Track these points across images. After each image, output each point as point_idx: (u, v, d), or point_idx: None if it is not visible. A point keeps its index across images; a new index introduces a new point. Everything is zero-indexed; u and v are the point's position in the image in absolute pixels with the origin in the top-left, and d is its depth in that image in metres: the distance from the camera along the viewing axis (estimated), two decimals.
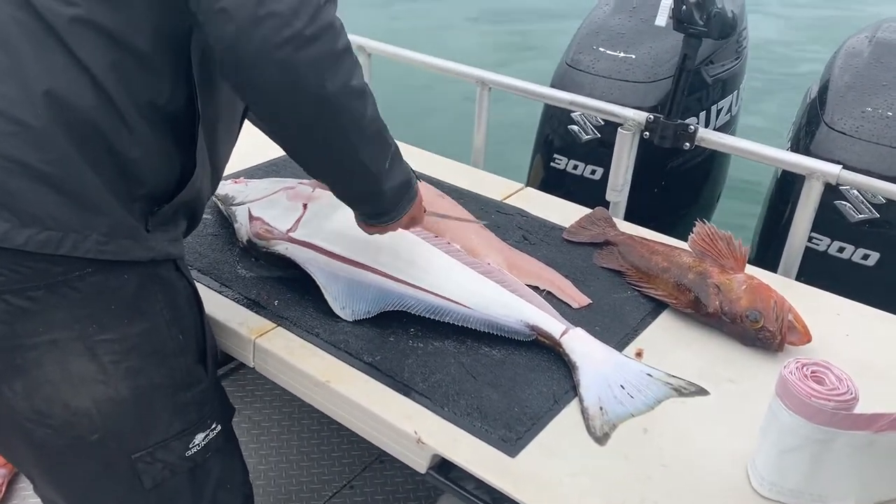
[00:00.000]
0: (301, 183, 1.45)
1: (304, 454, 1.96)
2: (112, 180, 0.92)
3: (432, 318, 1.23)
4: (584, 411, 1.08)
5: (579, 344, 1.17)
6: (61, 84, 0.87)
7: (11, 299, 0.89)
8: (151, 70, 0.93)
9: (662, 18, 1.49)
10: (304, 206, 1.38)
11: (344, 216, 1.35)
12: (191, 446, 1.08)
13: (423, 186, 1.44)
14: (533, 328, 1.20)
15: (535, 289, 1.30)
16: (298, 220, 1.34)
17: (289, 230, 1.33)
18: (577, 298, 1.31)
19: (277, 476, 1.89)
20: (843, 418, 0.89)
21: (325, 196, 1.41)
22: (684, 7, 1.45)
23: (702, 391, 1.13)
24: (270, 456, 1.94)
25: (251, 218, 1.37)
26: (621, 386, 1.11)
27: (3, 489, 1.79)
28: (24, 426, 0.97)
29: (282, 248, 1.31)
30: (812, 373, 0.93)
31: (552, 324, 1.20)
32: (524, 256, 1.39)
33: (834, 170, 1.46)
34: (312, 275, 1.27)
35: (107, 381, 0.97)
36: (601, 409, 1.08)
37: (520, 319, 1.21)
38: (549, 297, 1.31)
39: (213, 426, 1.11)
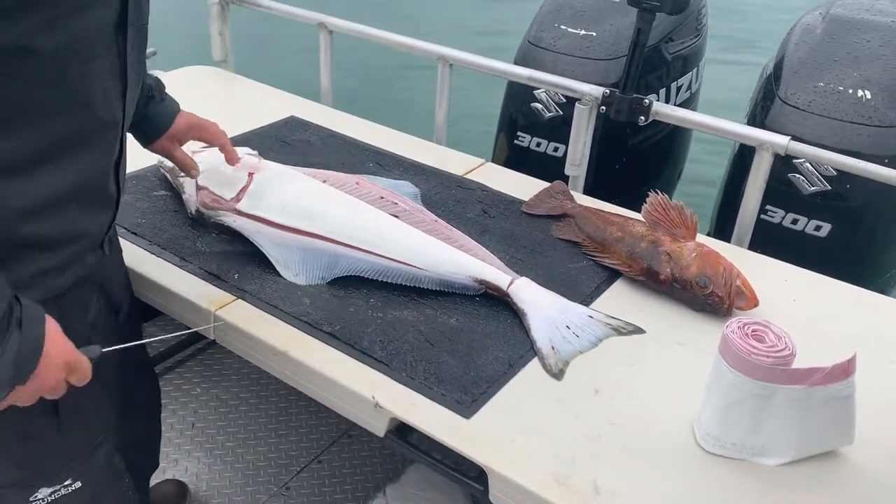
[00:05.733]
0: (248, 153, 1.45)
1: (272, 430, 1.98)
2: None
3: (385, 280, 1.27)
4: (537, 352, 1.15)
5: (526, 292, 1.24)
6: None
7: None
8: None
9: None
10: (250, 175, 1.38)
11: (291, 187, 1.38)
12: (30, 500, 1.07)
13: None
14: (481, 282, 1.26)
15: None
16: (244, 190, 1.36)
17: (235, 200, 1.35)
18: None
19: (245, 452, 1.91)
20: (781, 373, 0.93)
21: (271, 167, 1.43)
22: None
23: (638, 330, 1.21)
24: (239, 433, 1.96)
25: (198, 188, 1.39)
26: (567, 326, 1.19)
27: None
28: None
29: (230, 220, 1.34)
30: (753, 331, 0.97)
31: (499, 276, 1.26)
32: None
33: (783, 141, 1.50)
34: (260, 247, 1.30)
35: None
36: (553, 348, 1.15)
37: (468, 275, 1.26)
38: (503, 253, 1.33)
39: (68, 482, 1.09)
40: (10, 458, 1.04)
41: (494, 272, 1.26)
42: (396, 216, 1.34)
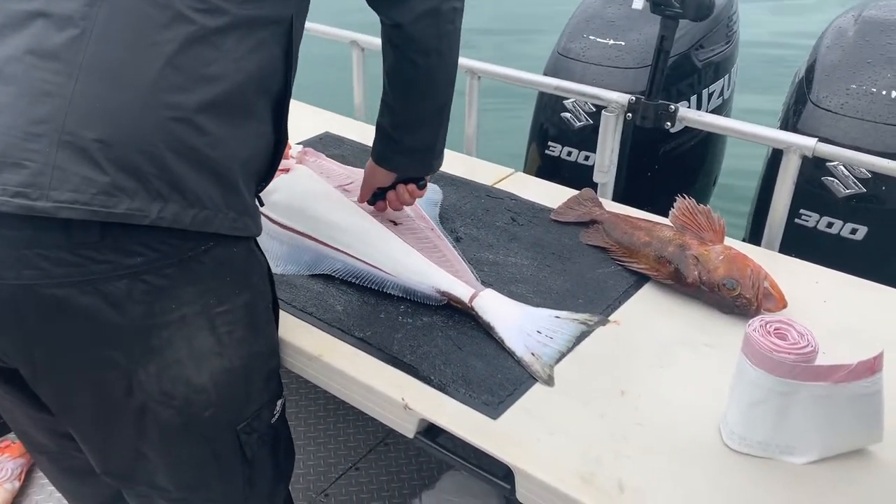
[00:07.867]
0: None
1: (311, 439, 2.02)
2: (244, 160, 0.98)
3: (355, 282, 1.32)
4: (520, 362, 1.15)
5: (489, 305, 1.24)
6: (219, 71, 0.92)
7: (150, 279, 0.91)
8: (271, 52, 1.00)
9: (639, 2, 1.53)
10: (280, 170, 1.48)
11: (301, 188, 1.48)
12: (274, 413, 1.14)
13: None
14: (444, 294, 1.27)
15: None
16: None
17: None
18: None
19: None
20: (803, 370, 0.93)
21: (300, 169, 1.54)
22: None
23: (603, 320, 1.23)
24: None
25: None
26: (538, 331, 1.19)
27: (23, 477, 1.86)
28: (152, 409, 0.98)
29: None
30: (775, 329, 0.97)
31: (461, 289, 1.26)
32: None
33: (810, 143, 1.49)
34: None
35: (222, 354, 1.01)
36: (533, 354, 1.16)
37: (430, 286, 1.28)
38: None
39: (283, 393, 1.17)
40: (264, 378, 1.11)
41: (456, 284, 1.27)
42: (394, 222, 1.40)
